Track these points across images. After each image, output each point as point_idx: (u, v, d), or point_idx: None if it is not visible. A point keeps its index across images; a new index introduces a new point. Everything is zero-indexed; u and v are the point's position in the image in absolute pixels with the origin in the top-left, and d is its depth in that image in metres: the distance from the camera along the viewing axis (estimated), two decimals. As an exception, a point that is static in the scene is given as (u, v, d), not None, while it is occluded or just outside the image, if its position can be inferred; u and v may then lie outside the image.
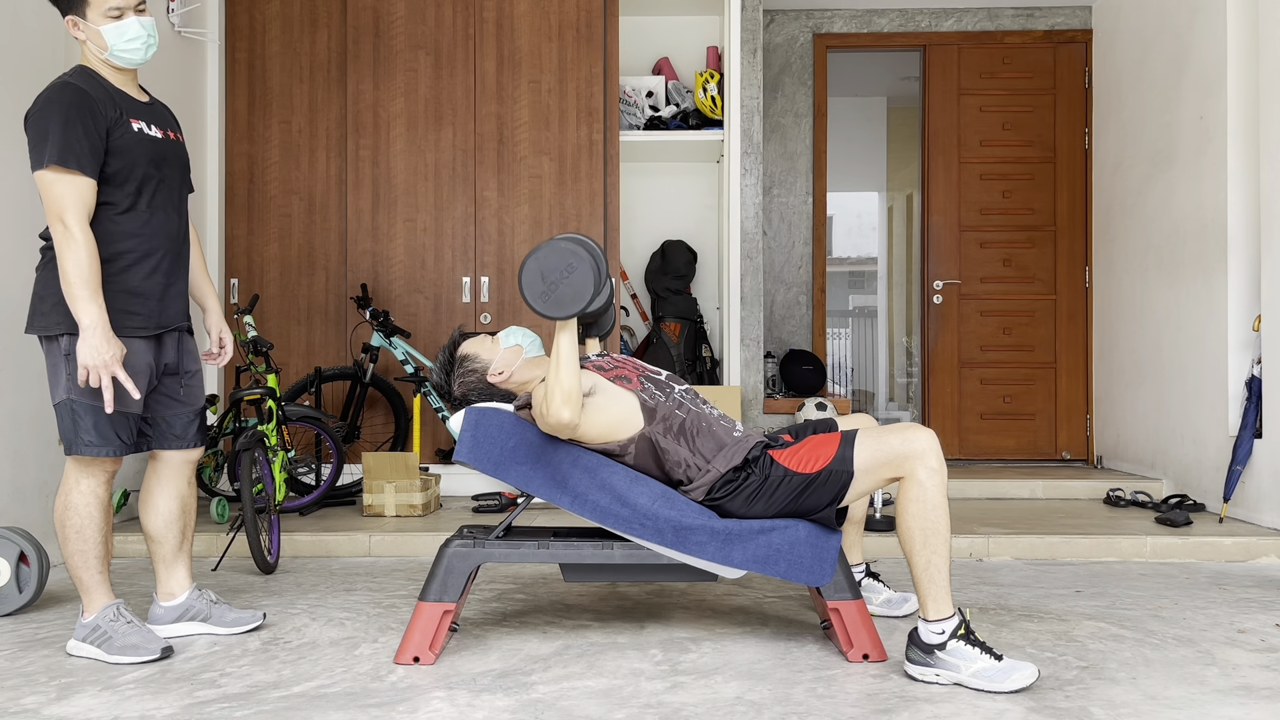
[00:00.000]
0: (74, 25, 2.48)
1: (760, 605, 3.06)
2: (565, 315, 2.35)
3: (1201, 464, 4.66)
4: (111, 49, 2.48)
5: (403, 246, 5.01)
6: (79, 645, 2.56)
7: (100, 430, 2.46)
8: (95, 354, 2.35)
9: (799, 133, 6.18)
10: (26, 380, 3.54)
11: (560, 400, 2.38)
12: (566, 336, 2.40)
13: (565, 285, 2.33)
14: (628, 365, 2.70)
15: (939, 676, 2.31)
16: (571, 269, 2.33)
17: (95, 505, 2.52)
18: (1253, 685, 2.34)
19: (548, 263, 2.34)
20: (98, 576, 2.55)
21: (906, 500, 2.35)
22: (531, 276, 2.34)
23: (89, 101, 2.42)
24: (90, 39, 2.48)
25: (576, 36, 5.03)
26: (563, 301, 2.34)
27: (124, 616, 2.55)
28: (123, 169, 2.47)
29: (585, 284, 2.32)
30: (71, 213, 2.36)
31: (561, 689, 2.30)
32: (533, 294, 2.34)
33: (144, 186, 2.52)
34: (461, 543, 2.54)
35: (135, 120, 2.52)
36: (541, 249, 2.35)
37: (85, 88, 2.44)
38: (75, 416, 2.46)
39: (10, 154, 3.47)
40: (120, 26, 2.47)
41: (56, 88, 2.43)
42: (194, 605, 2.76)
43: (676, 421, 2.54)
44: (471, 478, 4.92)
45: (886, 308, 9.95)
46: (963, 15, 6.07)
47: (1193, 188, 4.75)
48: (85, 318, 2.35)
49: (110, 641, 2.51)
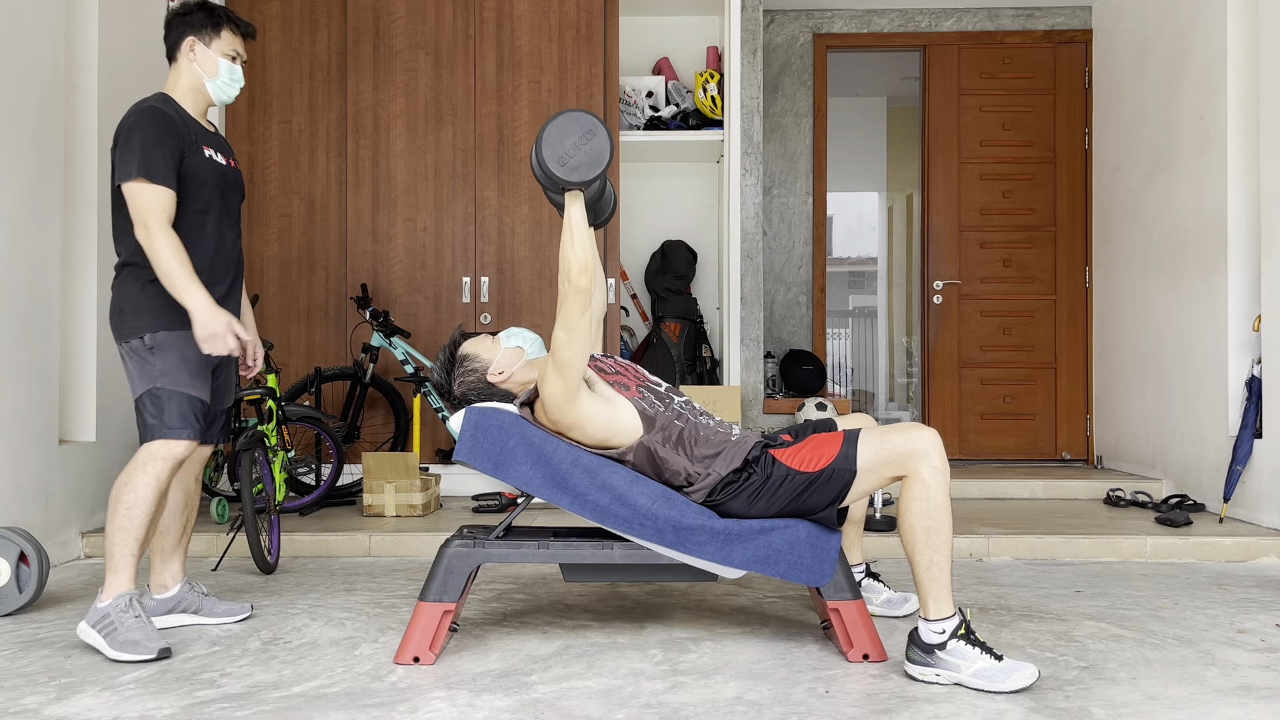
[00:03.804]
0: (192, 48, 2.76)
1: (760, 605, 3.06)
2: (581, 180, 2.35)
3: (1201, 464, 4.66)
4: (218, 79, 2.79)
5: (403, 246, 5.01)
6: (87, 630, 2.61)
7: (183, 415, 2.65)
8: (206, 325, 2.58)
9: (799, 133, 6.18)
10: (26, 380, 3.54)
11: (578, 269, 2.35)
12: (578, 208, 2.40)
13: (583, 151, 2.34)
14: (628, 372, 2.70)
15: (939, 676, 2.31)
16: (590, 135, 2.34)
17: (154, 489, 2.63)
18: (1253, 685, 2.34)
19: (566, 129, 2.35)
20: (129, 559, 2.62)
21: (909, 499, 2.35)
22: (551, 143, 2.34)
23: (172, 125, 2.66)
24: (202, 66, 2.77)
25: (576, 36, 5.03)
26: (580, 167, 2.34)
27: (134, 609, 2.59)
28: (194, 191, 2.70)
29: (603, 149, 2.34)
30: (154, 217, 2.59)
31: (561, 689, 2.30)
32: (553, 159, 2.34)
33: (209, 208, 2.75)
34: (461, 543, 2.54)
35: (206, 147, 2.75)
36: (561, 115, 2.35)
37: (169, 112, 2.69)
38: (160, 403, 2.64)
39: (10, 154, 3.47)
40: (231, 66, 2.80)
41: (146, 110, 2.66)
42: (185, 598, 2.85)
43: (675, 431, 2.54)
44: (471, 478, 4.92)
45: (886, 308, 9.95)
46: (963, 15, 6.07)
47: (1193, 188, 4.75)
48: (192, 301, 2.59)
49: (115, 634, 2.55)
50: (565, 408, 2.47)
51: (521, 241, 5.01)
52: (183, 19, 2.76)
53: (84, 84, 3.97)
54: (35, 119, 3.59)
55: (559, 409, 2.48)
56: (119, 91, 4.15)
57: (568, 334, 2.38)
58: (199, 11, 2.76)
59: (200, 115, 2.81)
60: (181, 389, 2.65)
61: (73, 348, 3.94)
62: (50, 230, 3.68)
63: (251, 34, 2.87)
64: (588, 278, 2.36)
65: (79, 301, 3.95)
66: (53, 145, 3.70)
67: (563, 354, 2.40)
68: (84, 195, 3.96)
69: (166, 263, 2.58)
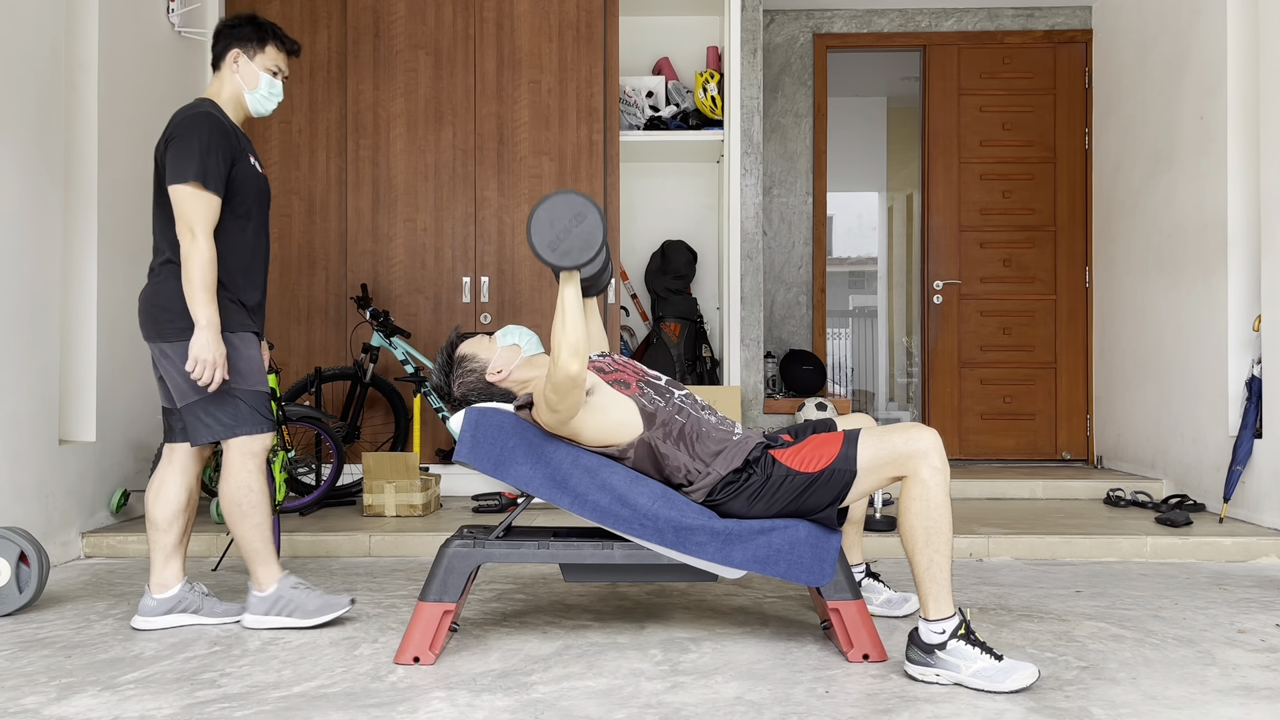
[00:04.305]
0: (236, 60, 2.83)
1: (760, 605, 3.06)
2: (573, 265, 2.33)
3: (1201, 464, 4.66)
4: (257, 92, 2.86)
5: (403, 246, 5.01)
6: (261, 619, 2.78)
7: (263, 409, 2.78)
8: (208, 349, 2.65)
9: (799, 133, 6.18)
10: (26, 380, 3.53)
11: (569, 353, 2.34)
12: (571, 289, 2.38)
13: (574, 235, 2.32)
14: (628, 369, 2.70)
15: (939, 676, 2.31)
16: (580, 218, 2.32)
17: (260, 480, 2.78)
18: (1253, 685, 2.34)
19: (557, 212, 2.33)
20: (271, 548, 2.80)
21: (909, 499, 2.35)
22: (541, 225, 2.33)
23: (225, 133, 2.74)
24: (244, 78, 2.84)
25: (576, 36, 5.03)
26: (571, 251, 2.32)
27: (298, 582, 2.82)
28: (239, 199, 2.78)
29: (595, 233, 2.32)
30: (201, 225, 2.66)
31: (561, 689, 2.30)
32: (542, 243, 2.32)
33: (251, 214, 2.83)
34: (461, 543, 2.54)
35: (250, 156, 2.84)
36: (550, 199, 2.34)
37: (223, 120, 2.77)
38: (237, 402, 2.74)
39: (10, 154, 3.47)
40: (272, 81, 2.88)
41: (202, 116, 2.72)
42: (185, 598, 2.86)
43: (676, 427, 2.54)
44: (471, 478, 4.92)
45: (886, 308, 9.95)
46: (963, 15, 6.07)
47: (1193, 188, 4.75)
48: (203, 316, 2.65)
49: (302, 608, 2.77)
50: (560, 430, 2.52)
51: (521, 241, 5.01)
52: (231, 30, 2.84)
53: (84, 84, 3.97)
54: (35, 119, 3.59)
55: (556, 429, 2.53)
56: (119, 91, 4.15)
57: (558, 395, 2.38)
58: (247, 25, 2.85)
59: (239, 124, 2.88)
60: (256, 387, 2.77)
61: (73, 348, 3.94)
62: (50, 230, 3.68)
63: (296, 51, 2.94)
64: (578, 362, 2.34)
65: (79, 301, 3.96)
66: (53, 145, 3.70)
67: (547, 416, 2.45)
68: (84, 195, 3.96)
69: (200, 272, 2.64)
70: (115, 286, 4.11)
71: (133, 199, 4.25)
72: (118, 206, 4.13)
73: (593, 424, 2.52)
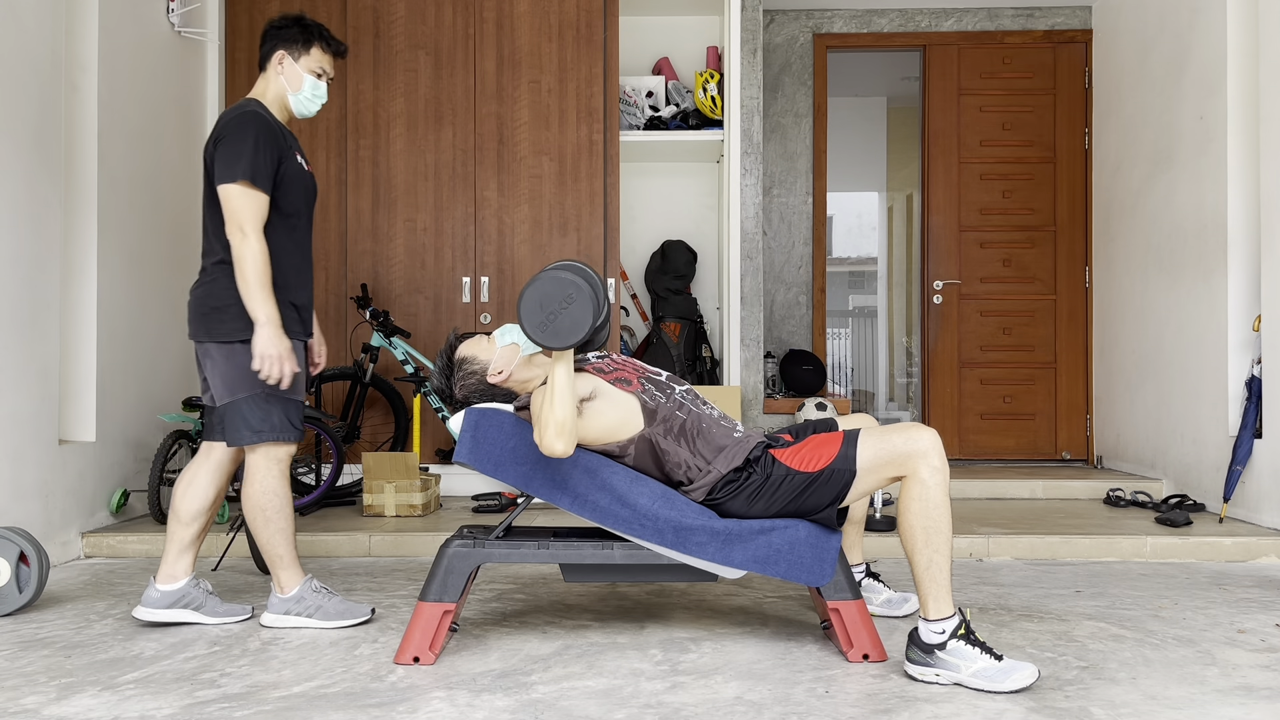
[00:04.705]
0: (281, 61, 2.86)
1: (760, 605, 3.06)
2: (563, 346, 2.33)
3: (1201, 464, 4.66)
4: (300, 94, 2.88)
5: (403, 246, 5.01)
6: (279, 618, 2.81)
7: (293, 417, 2.79)
8: (272, 345, 2.67)
9: (799, 133, 6.18)
10: (26, 380, 3.53)
11: (554, 433, 2.34)
12: (563, 367, 2.37)
13: (564, 316, 2.31)
14: (628, 367, 2.70)
15: (939, 676, 2.31)
16: (570, 300, 2.31)
17: (284, 485, 2.80)
18: (1253, 685, 2.34)
19: (546, 292, 2.31)
20: (294, 552, 2.82)
21: (909, 499, 2.35)
22: (530, 306, 2.32)
23: (273, 132, 2.76)
24: (288, 79, 2.86)
25: (576, 36, 5.03)
26: (561, 332, 2.32)
27: (319, 587, 2.84)
28: (288, 197, 2.80)
29: (584, 315, 2.30)
30: (250, 222, 2.68)
31: (561, 689, 2.30)
32: (531, 324, 2.32)
33: (299, 212, 2.86)
34: (461, 543, 2.54)
35: (297, 154, 2.86)
36: (540, 278, 2.33)
37: (271, 120, 2.79)
38: (269, 407, 2.74)
39: (10, 154, 3.47)
40: (317, 83, 2.89)
41: (250, 115, 2.75)
42: (190, 593, 2.86)
43: (677, 423, 2.54)
44: (471, 478, 4.92)
45: (886, 308, 9.95)
46: (963, 15, 6.07)
47: (1193, 188, 4.75)
48: (262, 313, 2.66)
49: (322, 610, 2.80)
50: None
51: (521, 241, 5.01)
52: (277, 31, 2.86)
53: (84, 84, 3.97)
54: (35, 119, 3.59)
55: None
56: (119, 91, 4.15)
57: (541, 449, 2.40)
58: (293, 27, 2.86)
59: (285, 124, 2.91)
60: (291, 396, 2.78)
61: (73, 348, 3.94)
62: (50, 230, 3.68)
63: (342, 53, 2.95)
64: (564, 442, 2.35)
65: (79, 301, 3.96)
66: (53, 145, 3.70)
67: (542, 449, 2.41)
68: (84, 195, 3.96)
69: (253, 270, 2.65)
70: (115, 286, 4.11)
71: (133, 199, 4.25)
72: (118, 206, 4.13)
73: (594, 427, 2.52)
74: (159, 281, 4.47)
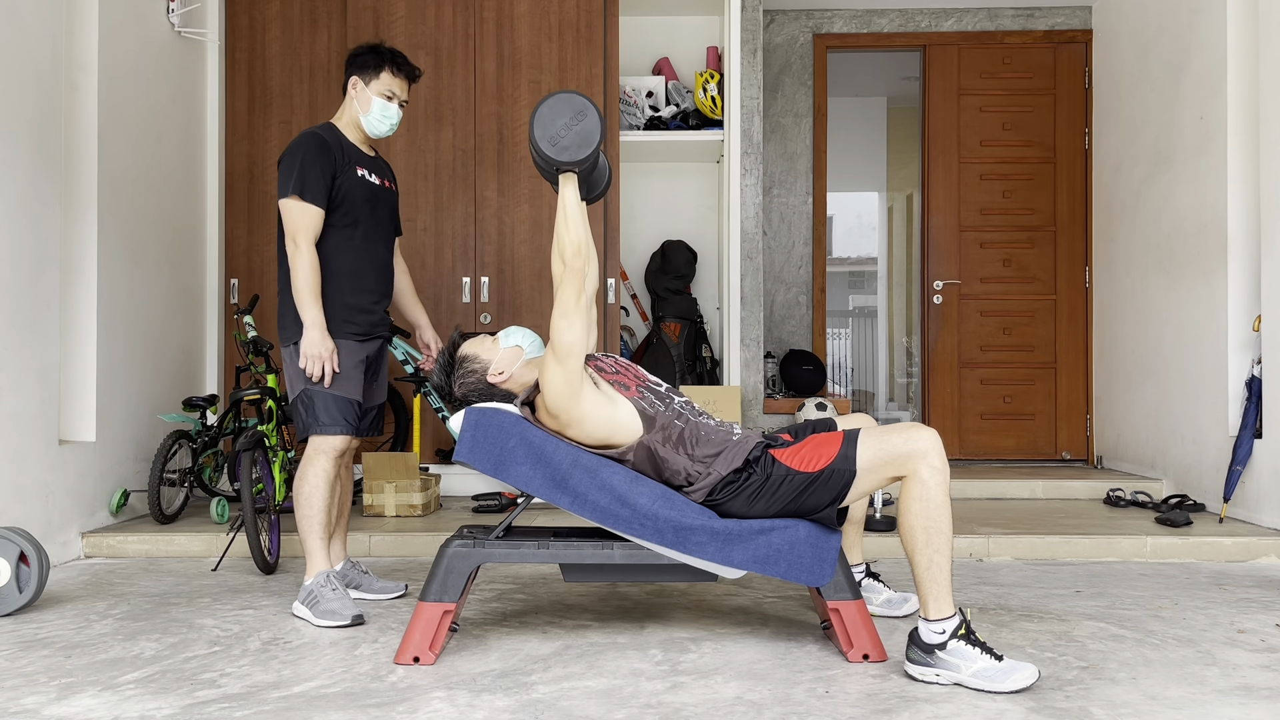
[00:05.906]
0: (355, 86, 3.07)
1: (760, 605, 3.06)
2: (571, 160, 2.41)
3: (1201, 464, 4.66)
4: (370, 116, 3.07)
5: (403, 246, 5.00)
6: (299, 607, 2.93)
7: (330, 413, 2.96)
8: (314, 346, 2.91)
9: (799, 133, 6.18)
10: (26, 380, 3.53)
11: (572, 250, 2.46)
12: (571, 189, 2.49)
13: (574, 132, 2.40)
14: (628, 373, 2.70)
15: (939, 676, 2.31)
16: (580, 116, 2.40)
17: (324, 480, 2.96)
18: (1253, 685, 2.34)
19: (558, 109, 2.40)
20: (319, 543, 2.96)
21: (909, 499, 2.35)
22: (543, 121, 2.40)
23: (327, 150, 2.97)
24: (359, 102, 3.07)
25: (576, 36, 5.03)
26: (570, 148, 2.40)
27: (331, 583, 2.92)
28: (345, 206, 3.00)
29: (593, 131, 2.40)
30: (303, 234, 2.92)
31: (561, 689, 2.30)
32: (543, 137, 2.40)
33: (360, 221, 3.04)
34: (461, 543, 2.54)
35: (360, 168, 3.05)
36: (553, 96, 2.42)
37: (326, 139, 3.00)
38: (310, 403, 2.96)
39: (10, 154, 3.47)
40: (386, 105, 3.07)
41: (307, 136, 2.98)
42: (348, 574, 3.15)
43: (675, 431, 2.53)
44: (471, 478, 4.92)
45: (886, 308, 9.95)
46: (963, 15, 6.07)
47: (1193, 188, 4.75)
48: (308, 317, 2.91)
49: (317, 605, 2.87)
50: (567, 400, 2.47)
51: (521, 241, 5.01)
52: (353, 59, 3.08)
53: (84, 84, 3.97)
54: (35, 119, 3.59)
55: (561, 401, 2.47)
56: (119, 91, 4.15)
57: (566, 320, 2.43)
58: (367, 54, 3.07)
59: (362, 144, 3.11)
60: (335, 391, 2.96)
61: (73, 348, 3.94)
62: (50, 230, 3.68)
63: (415, 76, 3.13)
64: (582, 259, 2.45)
65: (79, 301, 3.96)
66: (53, 145, 3.70)
67: (563, 340, 2.43)
68: (84, 195, 3.96)
69: (303, 277, 2.90)
70: (115, 286, 4.11)
71: (133, 199, 4.25)
72: (118, 206, 4.13)
73: (597, 413, 2.50)
74: (159, 281, 4.48)
